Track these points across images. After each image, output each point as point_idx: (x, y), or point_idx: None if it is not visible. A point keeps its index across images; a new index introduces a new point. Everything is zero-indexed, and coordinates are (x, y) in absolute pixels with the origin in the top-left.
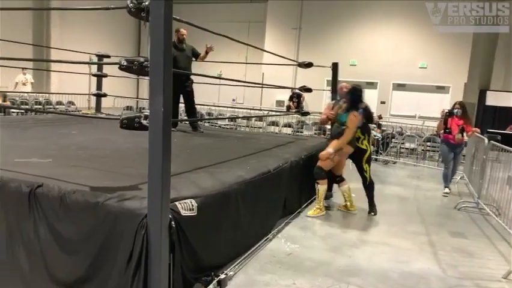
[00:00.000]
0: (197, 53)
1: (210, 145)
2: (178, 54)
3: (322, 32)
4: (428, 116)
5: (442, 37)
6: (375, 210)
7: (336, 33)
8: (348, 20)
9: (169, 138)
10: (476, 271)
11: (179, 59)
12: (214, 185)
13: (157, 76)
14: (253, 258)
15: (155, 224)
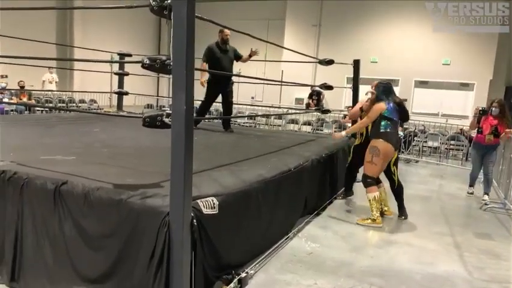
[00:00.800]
0: (239, 55)
1: (230, 143)
2: (221, 55)
3: (342, 29)
4: (451, 114)
5: (466, 33)
6: (405, 214)
7: (356, 30)
8: (368, 16)
9: (191, 137)
10: (504, 274)
11: (223, 60)
12: (235, 183)
13: (179, 74)
14: (274, 257)
15: (177, 222)
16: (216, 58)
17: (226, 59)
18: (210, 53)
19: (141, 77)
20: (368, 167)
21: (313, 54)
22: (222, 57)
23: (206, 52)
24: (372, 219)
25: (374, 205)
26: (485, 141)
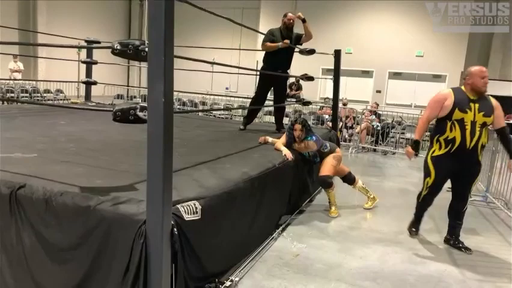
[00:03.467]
0: (300, 36)
1: (208, 137)
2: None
3: (317, 19)
4: (424, 105)
5: None
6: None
7: (331, 20)
8: (343, 7)
9: (170, 134)
10: (495, 272)
11: (287, 50)
12: (218, 183)
13: (157, 62)
14: (259, 261)
15: (155, 231)
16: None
17: (288, 48)
18: (271, 35)
19: (110, 65)
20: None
21: None
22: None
23: (267, 34)
24: (371, 198)
25: (364, 189)
26: None
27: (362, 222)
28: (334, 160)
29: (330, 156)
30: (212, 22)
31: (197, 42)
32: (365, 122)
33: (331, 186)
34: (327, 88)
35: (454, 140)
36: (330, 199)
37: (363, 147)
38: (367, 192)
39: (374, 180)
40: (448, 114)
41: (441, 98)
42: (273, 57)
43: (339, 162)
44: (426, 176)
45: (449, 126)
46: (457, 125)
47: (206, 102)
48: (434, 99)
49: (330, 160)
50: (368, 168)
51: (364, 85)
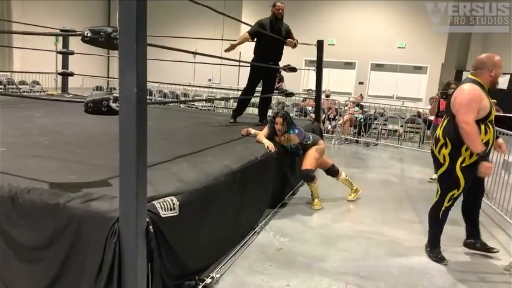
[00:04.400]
0: (291, 33)
1: (189, 129)
2: (271, 35)
3: (300, 10)
4: (406, 97)
5: (420, 16)
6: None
7: (314, 11)
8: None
9: (144, 125)
10: (478, 263)
11: (276, 40)
12: (198, 177)
13: (128, 48)
14: (241, 256)
15: (129, 229)
16: (266, 36)
17: (277, 41)
18: (260, 28)
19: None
20: (312, 163)
21: None
22: (272, 38)
23: (256, 27)
24: (354, 190)
25: (347, 181)
26: None
27: (345, 214)
28: (316, 153)
29: (313, 149)
30: (194, 13)
31: (179, 33)
32: (348, 114)
33: (313, 180)
34: (310, 80)
35: (488, 144)
36: (313, 192)
37: (346, 138)
38: (350, 184)
39: (356, 172)
40: (486, 115)
41: (477, 96)
42: (264, 48)
43: (321, 155)
44: (453, 188)
45: (484, 129)
46: (490, 126)
47: (188, 93)
48: (469, 98)
49: (312, 153)
50: (351, 159)
51: (347, 77)
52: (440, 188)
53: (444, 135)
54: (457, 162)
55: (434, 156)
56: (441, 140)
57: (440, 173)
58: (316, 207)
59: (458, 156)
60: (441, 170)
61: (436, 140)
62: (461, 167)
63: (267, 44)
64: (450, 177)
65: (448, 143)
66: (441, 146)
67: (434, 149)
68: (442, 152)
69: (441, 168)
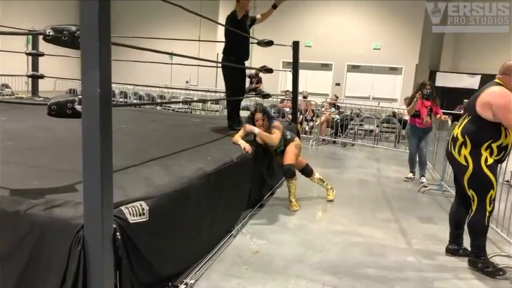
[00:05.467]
0: (253, 18)
1: (164, 132)
2: (242, 30)
3: (277, 11)
4: (381, 97)
5: (395, 18)
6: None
7: (291, 13)
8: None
9: (108, 127)
10: (452, 260)
11: (246, 38)
12: (170, 181)
13: (90, 47)
14: (217, 261)
15: (94, 237)
16: (236, 33)
17: (248, 34)
18: (233, 24)
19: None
20: (293, 158)
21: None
22: (244, 33)
23: (229, 21)
24: (330, 189)
25: (321, 180)
26: (423, 123)
27: (322, 214)
28: (296, 149)
29: (292, 145)
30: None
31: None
32: (324, 115)
33: (294, 175)
34: (288, 81)
35: (507, 148)
36: (291, 190)
37: (323, 139)
38: (324, 183)
39: (334, 172)
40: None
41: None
42: (239, 47)
43: (299, 151)
44: (490, 189)
45: (505, 132)
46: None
47: (165, 96)
48: (506, 100)
49: (292, 149)
50: (328, 160)
51: (324, 78)
52: (475, 193)
53: (464, 133)
54: (481, 161)
55: (453, 158)
56: (460, 139)
57: (468, 177)
58: (294, 208)
59: (480, 156)
60: (468, 174)
61: (454, 139)
62: (487, 166)
63: (241, 42)
64: (481, 178)
65: (467, 142)
66: (461, 145)
67: (453, 151)
68: (462, 152)
69: (467, 172)
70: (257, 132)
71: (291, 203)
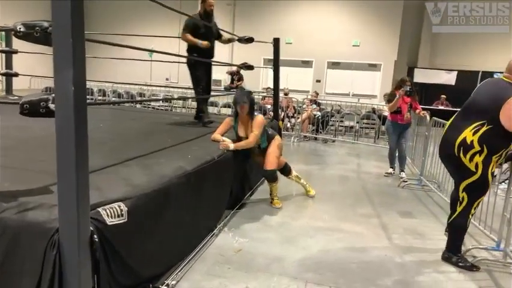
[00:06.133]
0: (219, 32)
1: (143, 130)
2: (205, 31)
3: (257, 9)
4: (361, 94)
5: (374, 16)
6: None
7: (271, 10)
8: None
9: (84, 126)
10: (432, 254)
11: (207, 37)
12: (149, 180)
13: (63, 44)
14: (199, 260)
15: (70, 240)
16: (200, 34)
17: (210, 35)
18: (194, 25)
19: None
20: (275, 162)
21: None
22: (207, 32)
23: (189, 23)
24: (307, 185)
25: (298, 177)
26: (404, 119)
27: (304, 211)
28: (278, 150)
29: (274, 146)
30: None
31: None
32: (306, 112)
33: (277, 179)
34: (269, 78)
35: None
36: (272, 191)
37: (305, 136)
38: (300, 180)
39: (315, 169)
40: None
41: None
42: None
43: (281, 151)
44: (482, 194)
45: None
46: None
47: (144, 93)
48: None
49: (274, 150)
50: (310, 156)
51: (304, 75)
52: (468, 196)
53: (482, 143)
54: (489, 169)
55: (462, 164)
56: (476, 148)
57: (469, 182)
58: (276, 205)
59: (490, 163)
60: (472, 179)
61: (467, 146)
62: (491, 172)
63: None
64: (482, 185)
65: (484, 151)
66: (475, 153)
67: (463, 157)
68: (475, 159)
69: (472, 177)
70: (232, 148)
71: (273, 200)
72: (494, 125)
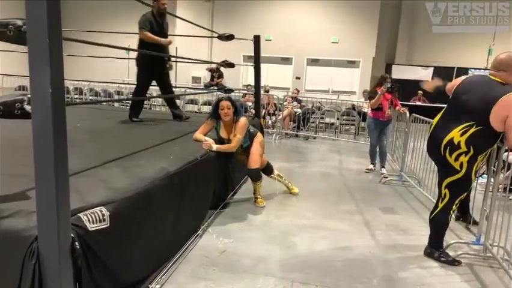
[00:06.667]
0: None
1: (122, 130)
2: (158, 31)
3: (236, 5)
4: (340, 90)
5: (352, 13)
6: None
7: (250, 6)
8: None
9: (63, 128)
10: (415, 249)
11: (162, 37)
12: (131, 183)
13: (38, 43)
14: (183, 262)
15: (50, 248)
16: (154, 33)
17: (164, 35)
18: (149, 24)
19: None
20: (259, 161)
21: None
22: (159, 31)
23: (144, 20)
24: (289, 183)
25: (279, 176)
26: (385, 116)
27: (288, 209)
28: (260, 148)
29: (256, 144)
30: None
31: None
32: (287, 109)
33: (261, 178)
34: (249, 75)
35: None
36: (256, 190)
37: (286, 133)
38: (282, 178)
39: (297, 166)
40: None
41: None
42: (151, 46)
43: (263, 149)
44: (463, 192)
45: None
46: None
47: (122, 91)
48: None
49: (257, 148)
50: (292, 153)
51: (284, 72)
52: (450, 193)
53: (469, 144)
54: (473, 167)
55: (447, 163)
56: (463, 148)
57: (452, 180)
58: (260, 204)
59: (475, 162)
60: (455, 177)
61: (454, 147)
62: (475, 171)
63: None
64: (465, 183)
65: (470, 151)
66: (461, 153)
67: (448, 156)
68: (461, 159)
69: (455, 175)
70: (215, 149)
71: (257, 199)
72: (483, 126)
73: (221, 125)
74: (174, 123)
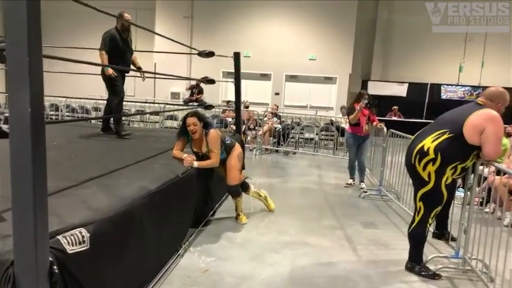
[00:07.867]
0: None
1: (101, 148)
2: (123, 46)
3: (215, 22)
4: (318, 106)
5: (329, 31)
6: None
7: (229, 23)
8: (240, 10)
9: (43, 149)
10: (396, 264)
11: (126, 53)
12: (111, 203)
13: (18, 61)
14: (165, 283)
15: (27, 273)
16: (118, 49)
17: (128, 51)
18: (111, 42)
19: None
20: (237, 176)
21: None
22: (125, 48)
23: (106, 40)
24: (267, 198)
25: (256, 193)
26: (363, 131)
27: (270, 226)
28: (239, 162)
29: (234, 158)
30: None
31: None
32: (267, 124)
33: (240, 194)
34: (228, 91)
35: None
36: (237, 207)
37: (266, 148)
38: (258, 195)
39: (277, 182)
40: None
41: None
42: (121, 60)
43: (242, 162)
44: (438, 205)
45: (473, 156)
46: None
47: (100, 107)
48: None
49: (235, 165)
50: (272, 169)
51: (263, 88)
52: (424, 206)
53: (437, 151)
54: (442, 180)
55: (416, 172)
56: (430, 155)
57: (423, 192)
58: (242, 221)
59: (443, 175)
60: (425, 189)
61: (422, 152)
62: (446, 184)
63: (119, 58)
64: (436, 195)
65: (437, 160)
66: (428, 161)
67: (417, 165)
68: (428, 169)
69: (426, 187)
70: (196, 166)
71: (239, 216)
72: (455, 134)
73: (192, 138)
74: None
